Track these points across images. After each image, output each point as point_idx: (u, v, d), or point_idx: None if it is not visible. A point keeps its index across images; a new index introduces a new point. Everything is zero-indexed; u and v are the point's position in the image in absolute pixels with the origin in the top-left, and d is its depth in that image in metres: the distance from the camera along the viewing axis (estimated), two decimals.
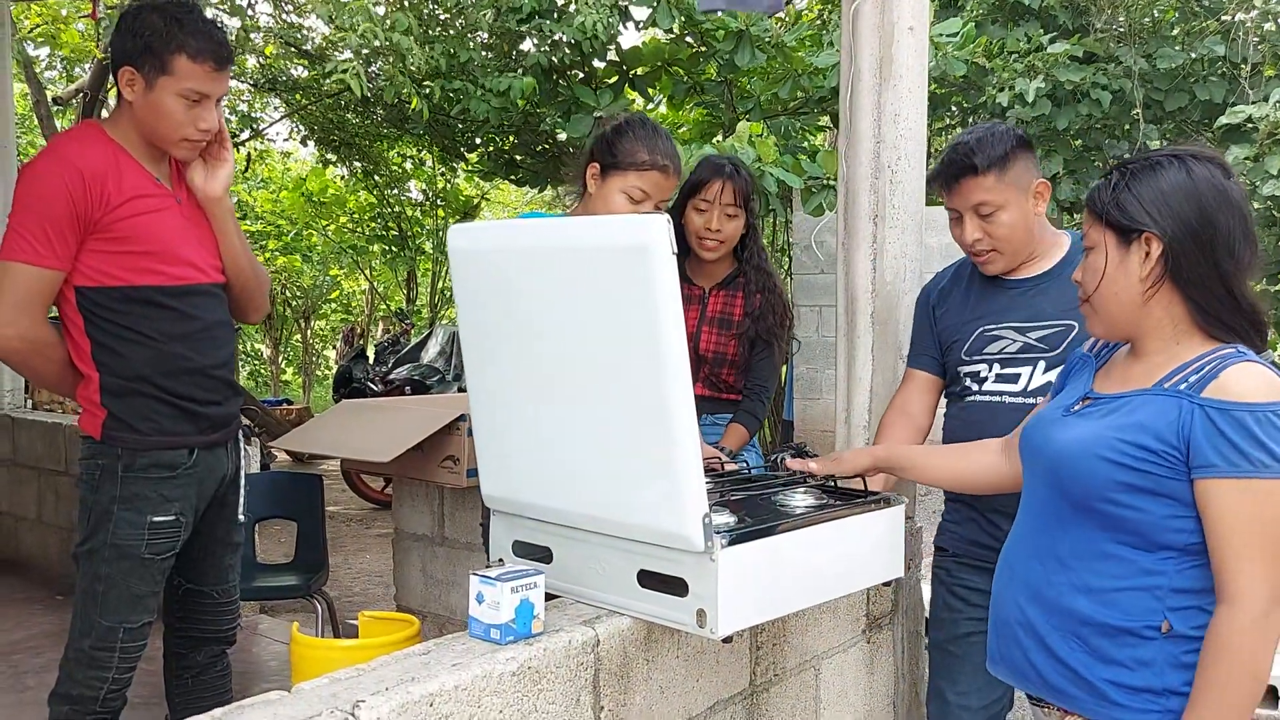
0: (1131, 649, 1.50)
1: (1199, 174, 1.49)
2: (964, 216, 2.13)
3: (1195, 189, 1.48)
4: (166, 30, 2.03)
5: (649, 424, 1.53)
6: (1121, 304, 1.53)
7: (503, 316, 1.72)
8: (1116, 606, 1.50)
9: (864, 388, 2.55)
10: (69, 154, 2.05)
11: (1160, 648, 1.48)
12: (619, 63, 6.33)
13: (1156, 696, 1.48)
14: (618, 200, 2.14)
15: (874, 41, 2.47)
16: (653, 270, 1.46)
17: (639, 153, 2.15)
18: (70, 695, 2.08)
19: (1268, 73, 6.82)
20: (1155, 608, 1.48)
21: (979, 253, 2.16)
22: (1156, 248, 1.48)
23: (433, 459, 3.08)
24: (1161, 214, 1.48)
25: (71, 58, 10.38)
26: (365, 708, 1.28)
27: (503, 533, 1.87)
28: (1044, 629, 1.58)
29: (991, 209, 2.09)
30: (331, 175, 13.95)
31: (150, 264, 2.09)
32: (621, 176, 2.15)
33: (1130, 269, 1.51)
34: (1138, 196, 1.50)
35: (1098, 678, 1.52)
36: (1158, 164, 1.51)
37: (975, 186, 2.08)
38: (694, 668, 1.79)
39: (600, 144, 2.21)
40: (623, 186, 2.14)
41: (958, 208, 2.14)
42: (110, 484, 2.08)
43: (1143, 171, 1.51)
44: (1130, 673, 1.50)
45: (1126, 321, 1.54)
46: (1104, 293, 1.54)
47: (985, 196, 2.08)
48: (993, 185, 2.07)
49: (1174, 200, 1.48)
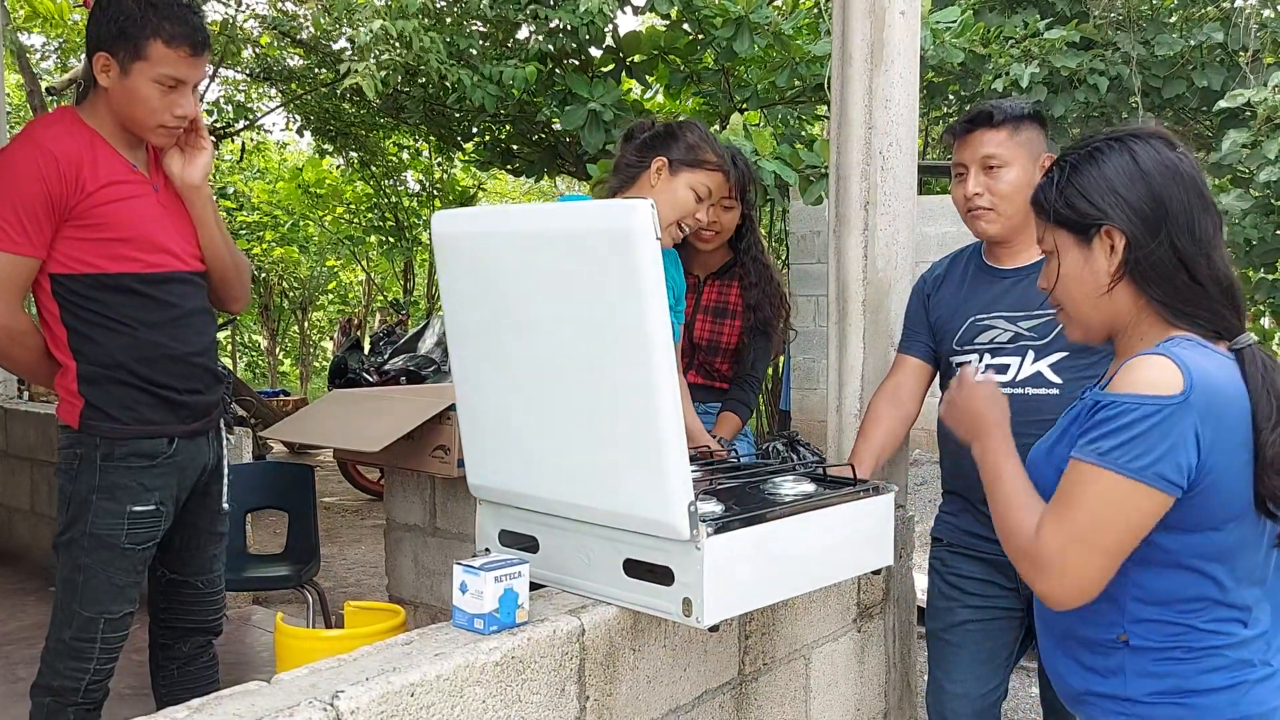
0: (1103, 658, 1.48)
1: (1142, 154, 1.41)
2: (969, 171, 2.13)
3: (1139, 170, 1.41)
4: (142, 15, 2.00)
5: (634, 411, 1.51)
6: (1092, 302, 1.46)
7: (487, 303, 1.70)
8: (1087, 616, 1.48)
9: (856, 376, 2.54)
10: (44, 140, 2.02)
11: (1126, 657, 1.46)
12: (615, 50, 6.29)
13: (1126, 703, 1.47)
14: (685, 194, 2.22)
15: (866, 26, 2.45)
16: (637, 255, 1.44)
17: (710, 154, 2.24)
18: (51, 686, 2.07)
19: (1267, 60, 6.78)
20: (1116, 620, 1.46)
21: (977, 209, 2.14)
22: (1120, 239, 1.41)
23: (424, 449, 3.06)
24: (1113, 203, 1.40)
25: (65, 47, 10.34)
26: (345, 698, 1.27)
27: (489, 522, 1.85)
28: (1046, 637, 1.60)
29: (998, 164, 2.10)
30: (328, 166, 13.92)
31: (126, 251, 2.06)
32: (692, 173, 2.22)
33: (1096, 266, 1.44)
34: (1083, 190, 1.43)
35: (1079, 684, 1.53)
36: (1097, 151, 1.44)
37: (988, 139, 2.10)
38: (681, 657, 1.77)
39: (667, 140, 2.26)
40: (692, 182, 2.22)
41: (965, 161, 2.14)
42: (89, 473, 2.07)
43: (1084, 162, 1.44)
44: (1102, 680, 1.49)
45: (1101, 321, 1.48)
46: (1072, 295, 1.48)
47: (995, 150, 2.10)
48: (1004, 141, 2.10)
49: (1120, 186, 1.41)
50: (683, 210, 2.22)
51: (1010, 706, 3.45)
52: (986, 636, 2.22)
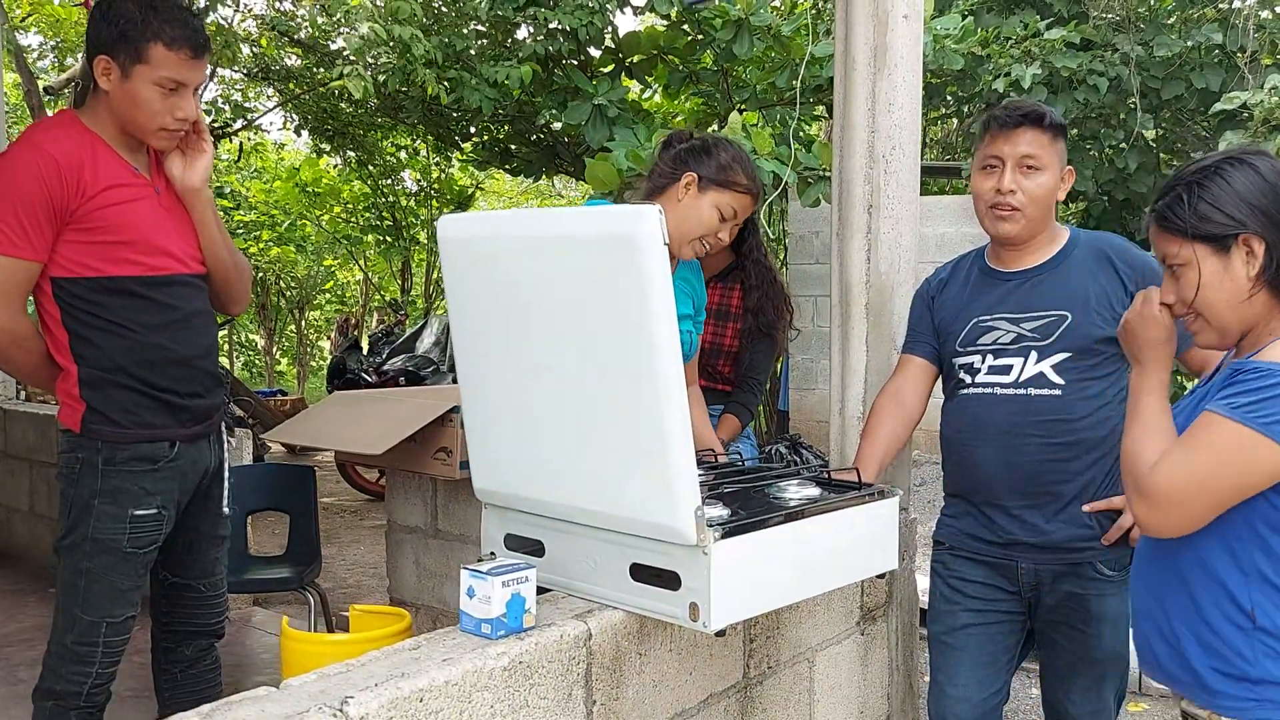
0: (1229, 638, 1.53)
1: (1263, 168, 1.55)
2: (1005, 165, 2.11)
3: (1265, 182, 1.54)
4: (142, 18, 2.00)
5: (641, 416, 1.51)
6: (1233, 308, 1.57)
7: (493, 308, 1.70)
8: (1217, 594, 1.53)
9: (858, 379, 2.54)
10: (44, 143, 2.02)
11: (1254, 638, 1.51)
12: (615, 50, 6.29)
13: (1253, 685, 1.51)
14: (710, 213, 2.22)
15: (869, 30, 2.45)
16: (644, 261, 1.44)
17: (741, 176, 2.24)
18: (54, 690, 2.06)
19: (1265, 61, 6.79)
20: (1244, 596, 1.51)
21: (1004, 206, 2.12)
22: (1259, 245, 1.53)
23: (426, 451, 3.06)
24: (1248, 214, 1.53)
25: (63, 47, 10.31)
26: (354, 704, 1.27)
27: (494, 526, 1.85)
28: (1160, 616, 1.62)
29: (1037, 165, 2.10)
30: (325, 165, 13.90)
31: (127, 254, 2.06)
32: (720, 193, 2.22)
33: (1235, 273, 1.55)
34: (1216, 203, 1.54)
35: (1202, 665, 1.55)
36: (1219, 168, 1.57)
37: (1033, 138, 2.10)
38: (687, 661, 1.77)
39: (701, 155, 2.26)
40: (719, 202, 2.22)
41: (1003, 155, 2.11)
42: (90, 477, 2.06)
43: (1209, 180, 1.56)
44: (1228, 661, 1.53)
45: (1239, 324, 1.58)
46: (1212, 302, 1.58)
47: (1038, 151, 2.10)
48: (1046, 144, 2.10)
49: (1253, 198, 1.54)
50: (706, 228, 2.22)
51: (1011, 709, 3.46)
52: (988, 639, 2.22)
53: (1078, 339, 2.08)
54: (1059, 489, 2.10)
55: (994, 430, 2.13)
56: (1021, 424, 2.11)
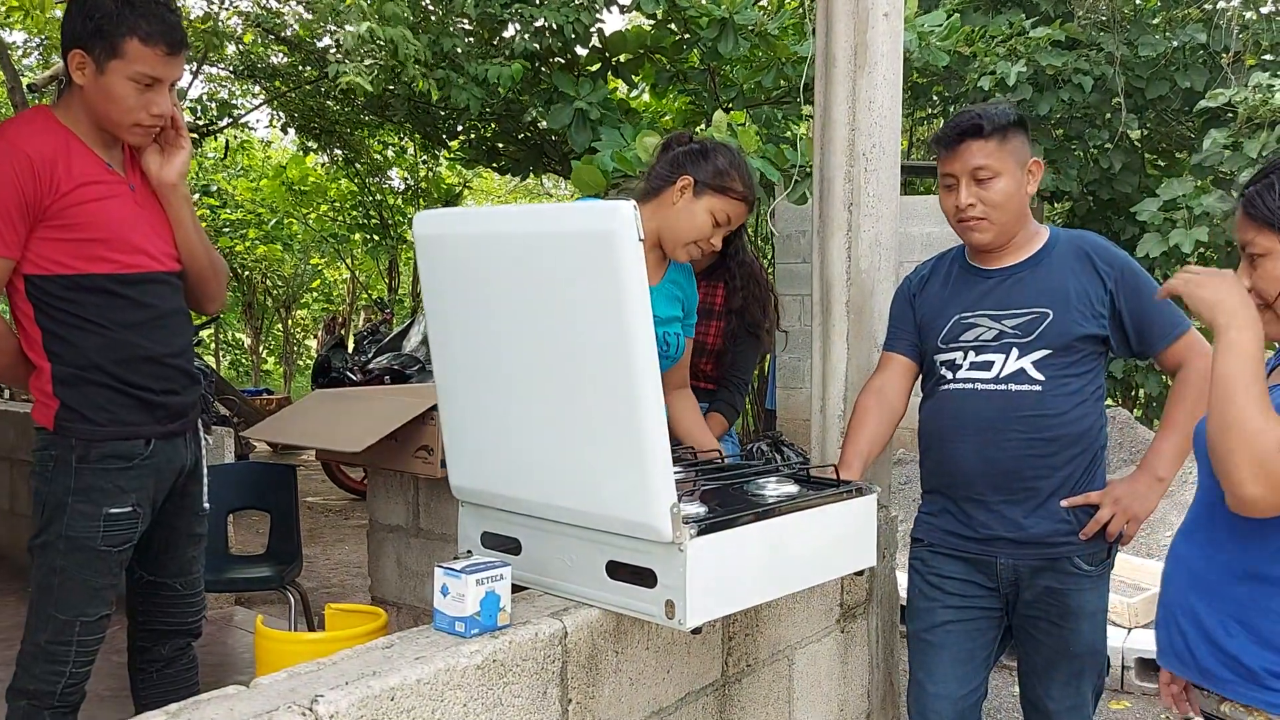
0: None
1: None
2: (959, 182, 2.12)
3: None
4: (118, 13, 1.98)
5: (616, 413, 1.51)
6: None
7: (469, 304, 1.69)
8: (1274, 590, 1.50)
9: (839, 377, 2.54)
10: (17, 139, 2.00)
11: None
12: (601, 49, 6.28)
13: None
14: (704, 218, 2.23)
15: (849, 28, 2.45)
16: (619, 257, 1.44)
17: (737, 182, 2.24)
18: (27, 690, 2.05)
19: (1249, 61, 6.82)
20: None
21: (969, 219, 2.13)
22: None
23: (407, 449, 3.05)
24: None
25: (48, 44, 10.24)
26: (324, 702, 1.26)
27: (471, 524, 1.84)
28: (1204, 613, 1.58)
29: (989, 174, 2.09)
30: (312, 163, 13.84)
31: (101, 251, 2.04)
32: (715, 198, 2.23)
33: None
34: None
35: (1256, 663, 1.52)
36: None
37: (977, 149, 2.09)
38: (664, 659, 1.77)
39: (698, 159, 2.26)
40: (713, 207, 2.23)
41: (955, 172, 2.12)
42: (64, 475, 2.04)
43: None
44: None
45: None
46: None
47: (985, 160, 2.08)
48: (994, 151, 2.08)
49: None
50: (699, 232, 2.22)
51: (991, 706, 3.47)
52: (967, 636, 2.23)
53: (1058, 336, 2.09)
54: (1038, 484, 2.10)
55: (974, 425, 2.13)
56: (1002, 420, 2.11)
